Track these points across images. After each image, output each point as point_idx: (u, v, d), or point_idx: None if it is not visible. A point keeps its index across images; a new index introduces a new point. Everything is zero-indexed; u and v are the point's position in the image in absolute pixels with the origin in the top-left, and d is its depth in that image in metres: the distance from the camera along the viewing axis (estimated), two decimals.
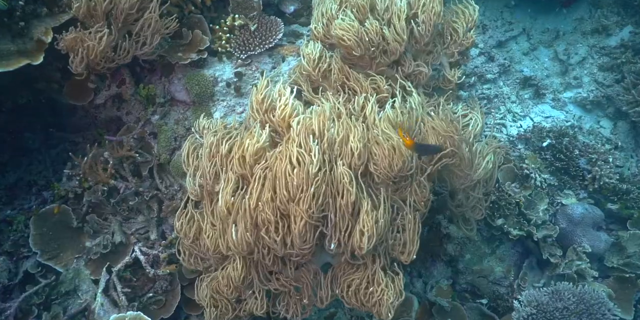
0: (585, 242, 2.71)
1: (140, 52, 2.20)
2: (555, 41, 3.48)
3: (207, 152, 1.77)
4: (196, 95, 2.50)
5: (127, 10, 2.09)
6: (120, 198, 2.41)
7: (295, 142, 1.57)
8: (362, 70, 2.05)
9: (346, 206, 1.55)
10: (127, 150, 2.37)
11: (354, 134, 1.61)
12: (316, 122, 1.64)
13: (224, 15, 2.67)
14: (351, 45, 1.90)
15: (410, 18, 2.06)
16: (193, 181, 1.89)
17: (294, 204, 1.51)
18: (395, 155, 1.59)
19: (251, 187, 1.59)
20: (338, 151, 1.62)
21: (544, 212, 2.78)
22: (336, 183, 1.56)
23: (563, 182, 2.90)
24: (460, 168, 1.74)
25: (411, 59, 2.07)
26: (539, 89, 3.29)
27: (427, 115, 1.81)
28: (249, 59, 2.58)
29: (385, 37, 1.94)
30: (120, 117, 2.62)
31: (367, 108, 1.74)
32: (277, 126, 1.78)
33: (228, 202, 1.63)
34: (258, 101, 1.83)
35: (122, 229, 2.47)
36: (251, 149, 1.66)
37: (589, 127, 3.20)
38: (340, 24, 1.94)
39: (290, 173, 1.51)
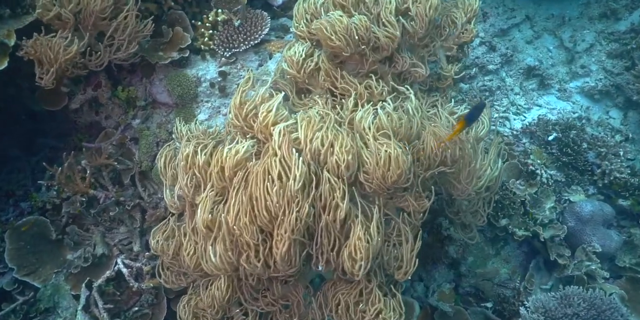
0: (595, 242, 2.57)
1: (114, 57, 2.05)
2: (560, 28, 3.29)
3: (182, 165, 1.62)
4: (178, 96, 2.36)
5: (97, 13, 1.93)
6: (100, 208, 2.29)
7: (276, 156, 1.41)
8: (352, 69, 1.88)
9: (334, 223, 1.41)
10: (106, 158, 2.24)
11: (342, 144, 1.45)
12: (302, 132, 1.49)
13: (207, 11, 2.51)
14: (340, 46, 1.74)
15: (403, 12, 1.89)
16: (171, 194, 1.76)
17: (275, 227, 1.37)
18: (391, 167, 1.43)
19: (229, 204, 1.45)
20: (324, 162, 1.47)
21: (550, 211, 2.64)
22: (324, 198, 1.41)
23: (571, 177, 2.75)
24: (458, 179, 1.59)
25: (406, 54, 1.90)
26: (544, 79, 3.12)
27: (426, 119, 1.64)
28: (233, 57, 2.42)
29: (376, 33, 1.77)
30: (99, 122, 2.48)
31: (357, 114, 1.58)
32: (260, 133, 1.63)
33: (206, 220, 1.49)
34: (237, 105, 1.68)
35: (105, 240, 2.34)
36: (230, 162, 1.51)
37: (597, 118, 3.04)
38: (327, 20, 1.77)
39: (269, 191, 1.37)
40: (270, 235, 1.43)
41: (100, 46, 2.06)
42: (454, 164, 1.56)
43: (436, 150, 1.55)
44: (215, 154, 1.59)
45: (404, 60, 1.82)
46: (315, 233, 1.45)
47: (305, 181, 1.40)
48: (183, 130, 1.88)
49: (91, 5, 1.88)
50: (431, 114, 1.73)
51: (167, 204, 1.78)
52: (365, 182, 1.51)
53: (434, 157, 1.56)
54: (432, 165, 1.57)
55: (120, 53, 2.03)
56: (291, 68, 1.86)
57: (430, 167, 1.56)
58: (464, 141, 1.59)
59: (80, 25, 1.97)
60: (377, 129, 1.50)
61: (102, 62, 2.04)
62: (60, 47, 1.82)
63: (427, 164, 1.57)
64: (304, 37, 1.96)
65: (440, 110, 1.74)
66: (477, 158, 1.59)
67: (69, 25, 1.92)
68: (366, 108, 1.58)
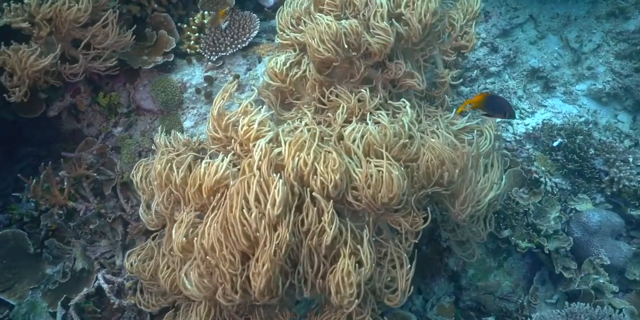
0: (603, 254, 2.44)
1: (89, 65, 1.93)
2: (566, 27, 3.15)
3: (156, 184, 1.51)
4: (163, 103, 2.24)
5: (71, 22, 1.81)
6: (80, 221, 2.18)
7: (254, 177, 1.29)
8: (342, 74, 1.75)
9: (319, 246, 1.29)
10: (85, 169, 2.13)
11: (330, 163, 1.33)
12: (286, 149, 1.36)
13: (194, 13, 2.40)
14: (329, 57, 1.61)
15: (397, 15, 1.75)
16: (148, 211, 1.64)
17: (253, 259, 1.25)
18: (382, 189, 1.31)
19: (203, 228, 1.33)
20: (309, 182, 1.34)
21: (555, 221, 2.51)
22: (307, 222, 1.29)
23: (577, 185, 2.61)
24: (453, 203, 1.46)
25: (401, 60, 1.76)
26: (549, 81, 2.98)
27: (422, 133, 1.51)
28: (220, 61, 2.31)
29: (367, 40, 1.64)
30: (81, 130, 2.38)
31: (347, 128, 1.45)
32: (240, 147, 1.51)
33: (180, 243, 1.37)
34: (215, 116, 1.56)
35: (86, 253, 2.24)
36: (208, 181, 1.40)
37: (605, 122, 2.90)
38: (314, 29, 1.63)
39: (247, 217, 1.25)
40: (248, 268, 1.31)
41: (77, 53, 1.94)
42: (450, 184, 1.43)
43: (433, 168, 1.41)
44: (194, 169, 1.47)
45: (398, 68, 1.69)
46: (298, 258, 1.33)
47: (287, 204, 1.28)
48: (162, 142, 1.76)
49: (64, 13, 1.76)
50: (428, 127, 1.59)
51: (144, 221, 1.66)
52: (354, 201, 1.38)
53: (430, 176, 1.43)
54: (427, 185, 1.44)
55: (97, 64, 1.91)
56: (274, 80, 1.74)
57: (423, 187, 1.43)
58: (464, 159, 1.45)
59: (54, 33, 1.85)
60: (368, 145, 1.37)
61: (77, 72, 1.92)
62: (29, 58, 1.70)
63: (421, 184, 1.44)
64: (291, 45, 1.84)
65: (440, 121, 1.60)
66: (477, 179, 1.45)
67: (43, 33, 1.80)
68: (356, 125, 1.45)
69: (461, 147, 1.44)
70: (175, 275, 1.47)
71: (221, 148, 1.56)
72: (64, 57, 1.97)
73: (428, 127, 1.56)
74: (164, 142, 1.74)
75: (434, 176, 1.42)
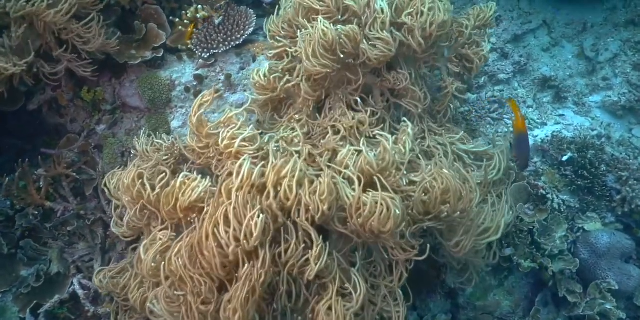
0: (612, 278, 2.29)
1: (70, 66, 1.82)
2: (581, 35, 2.99)
3: (127, 200, 1.39)
4: (149, 101, 2.13)
5: (50, 23, 1.68)
6: (58, 222, 2.07)
7: (231, 205, 1.15)
8: (338, 81, 1.60)
9: (300, 278, 1.16)
10: (65, 168, 2.02)
11: (318, 190, 1.19)
12: (271, 176, 1.23)
13: (187, 6, 2.28)
14: (326, 73, 1.47)
15: (399, 24, 1.59)
16: (120, 222, 1.53)
17: (225, 298, 1.13)
18: (374, 221, 1.18)
19: (171, 253, 1.21)
20: (294, 211, 1.21)
21: (561, 240, 2.36)
22: (289, 256, 1.16)
23: (586, 203, 2.46)
24: (448, 238, 1.32)
25: (402, 69, 1.61)
26: (561, 91, 2.82)
27: (425, 153, 1.37)
28: (212, 59, 2.19)
29: (366, 50, 1.50)
30: (64, 125, 2.27)
31: (341, 153, 1.31)
32: (219, 160, 1.39)
33: (148, 266, 1.25)
34: (194, 123, 1.43)
35: (63, 256, 2.13)
36: (182, 201, 1.28)
37: (619, 136, 2.74)
38: (309, 41, 1.48)
39: (218, 251, 1.12)
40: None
41: (58, 51, 1.82)
42: (448, 219, 1.30)
43: (435, 201, 1.27)
44: (171, 182, 1.34)
45: (398, 79, 1.54)
46: (277, 288, 1.20)
47: (265, 236, 1.15)
48: (141, 148, 1.64)
49: (42, 14, 1.64)
50: (432, 148, 1.44)
51: (118, 234, 1.55)
52: (340, 225, 1.25)
53: (430, 208, 1.29)
54: (424, 218, 1.30)
55: (77, 65, 1.79)
56: (261, 93, 1.60)
57: (420, 220, 1.30)
58: (471, 195, 1.31)
59: (32, 30, 1.73)
60: (362, 172, 1.24)
61: (58, 72, 1.80)
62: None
63: (417, 217, 1.30)
64: (279, 55, 1.69)
65: (446, 142, 1.46)
66: (479, 221, 1.31)
67: (19, 31, 1.68)
68: (351, 149, 1.31)
69: (470, 179, 1.30)
70: (145, 295, 1.36)
71: (200, 155, 1.44)
72: (46, 54, 1.85)
73: (432, 150, 1.41)
74: (142, 149, 1.61)
75: (434, 209, 1.28)
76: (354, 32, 1.44)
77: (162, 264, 1.24)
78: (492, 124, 2.75)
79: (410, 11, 1.51)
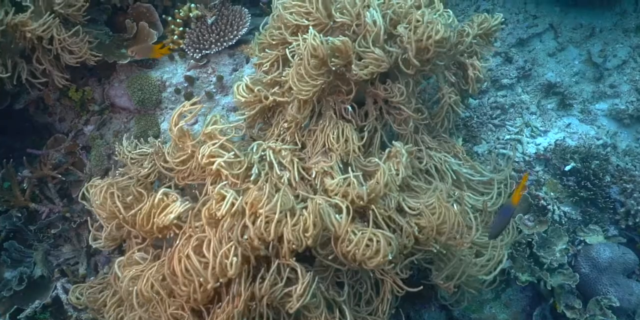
0: (613, 294, 2.20)
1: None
2: (589, 40, 2.90)
3: (103, 218, 1.33)
4: (139, 102, 2.07)
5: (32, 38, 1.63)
6: (42, 224, 2.02)
7: (209, 235, 1.10)
8: (329, 92, 1.53)
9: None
10: (50, 169, 1.97)
11: (304, 225, 1.13)
12: (251, 210, 1.16)
13: (180, 4, 2.22)
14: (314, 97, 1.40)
15: (394, 36, 1.50)
16: (98, 235, 1.48)
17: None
18: (363, 255, 1.12)
19: (142, 284, 1.15)
20: (276, 242, 1.15)
21: (561, 253, 2.28)
22: (268, 290, 1.09)
23: (588, 215, 2.37)
24: (438, 269, 1.25)
25: (396, 81, 1.52)
26: (566, 98, 2.73)
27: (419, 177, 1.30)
28: (204, 59, 2.13)
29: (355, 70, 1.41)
30: (53, 125, 2.22)
31: (331, 184, 1.25)
32: (200, 173, 1.33)
33: (125, 287, 1.20)
34: (175, 134, 1.37)
35: (48, 258, 2.08)
36: (158, 222, 1.22)
37: (625, 146, 2.65)
38: (298, 65, 1.38)
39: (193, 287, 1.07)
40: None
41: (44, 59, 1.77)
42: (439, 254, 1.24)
43: (429, 234, 1.21)
44: (150, 200, 1.29)
45: (391, 92, 1.45)
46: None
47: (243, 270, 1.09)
48: (128, 151, 1.58)
49: (19, 26, 1.58)
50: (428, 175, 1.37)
51: (94, 245, 1.50)
52: (324, 260, 1.19)
53: (422, 241, 1.23)
54: (416, 251, 1.23)
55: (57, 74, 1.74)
56: (248, 110, 1.54)
57: (411, 253, 1.23)
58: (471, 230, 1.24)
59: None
60: (351, 202, 1.18)
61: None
62: None
63: (409, 249, 1.24)
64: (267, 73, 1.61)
65: (440, 155, 1.38)
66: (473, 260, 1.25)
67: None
68: (341, 178, 1.24)
69: (468, 213, 1.23)
70: (121, 314, 1.30)
71: (181, 178, 1.38)
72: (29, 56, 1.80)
73: (428, 167, 1.34)
74: (125, 160, 1.55)
75: (425, 245, 1.22)
76: (345, 45, 1.35)
77: (134, 290, 1.18)
78: (493, 130, 2.67)
79: (405, 26, 1.40)
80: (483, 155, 2.56)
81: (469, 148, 2.58)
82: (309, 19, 1.42)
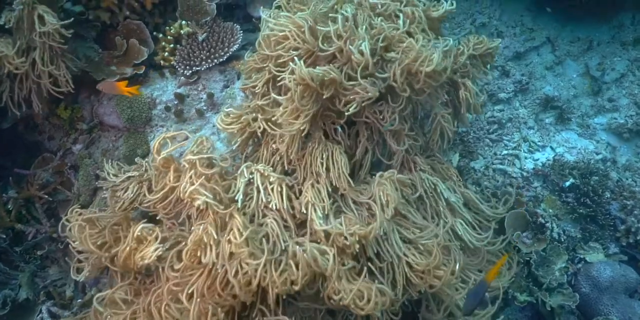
0: (614, 314, 2.15)
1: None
2: (586, 53, 2.87)
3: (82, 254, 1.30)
4: (128, 119, 2.04)
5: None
6: (28, 245, 1.98)
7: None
8: (319, 110, 1.48)
9: None
10: (37, 189, 1.93)
11: (290, 277, 1.09)
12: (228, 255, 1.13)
13: (172, 21, 2.20)
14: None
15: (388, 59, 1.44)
16: (79, 267, 1.44)
17: None
18: (352, 303, 1.08)
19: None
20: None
21: (561, 272, 2.22)
22: None
23: (588, 232, 2.32)
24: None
25: (389, 102, 1.47)
26: (564, 112, 2.70)
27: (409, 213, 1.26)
28: (194, 76, 2.10)
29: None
30: (42, 143, 2.19)
31: (320, 231, 1.21)
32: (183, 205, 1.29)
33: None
34: (157, 161, 1.33)
35: (34, 280, 2.03)
36: (136, 263, 1.19)
37: (625, 161, 2.60)
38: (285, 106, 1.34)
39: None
40: None
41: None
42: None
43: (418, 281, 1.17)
44: (128, 237, 1.25)
45: (383, 115, 1.40)
46: None
47: None
48: (113, 173, 1.55)
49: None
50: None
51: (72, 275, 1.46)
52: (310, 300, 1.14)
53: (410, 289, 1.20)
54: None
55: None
56: (236, 141, 1.50)
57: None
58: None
59: None
60: (341, 253, 1.14)
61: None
62: None
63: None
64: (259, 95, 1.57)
65: (433, 180, 1.34)
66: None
67: None
68: (330, 224, 1.21)
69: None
70: None
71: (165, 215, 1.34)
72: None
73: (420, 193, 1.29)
74: (112, 172, 1.52)
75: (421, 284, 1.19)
76: (335, 76, 1.29)
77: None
78: (490, 145, 2.63)
79: (395, 55, 1.34)
80: (480, 170, 2.52)
81: (465, 164, 2.54)
82: (300, 47, 1.39)
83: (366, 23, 1.38)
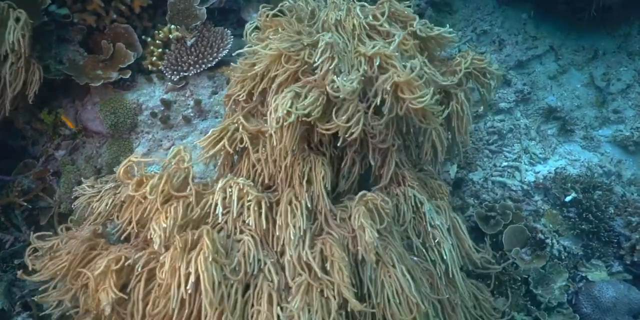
0: None
1: None
2: (591, 63, 2.78)
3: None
4: (111, 126, 1.98)
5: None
6: (6, 253, 1.91)
7: None
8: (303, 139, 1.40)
9: None
10: (16, 196, 1.87)
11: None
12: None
13: (161, 25, 2.14)
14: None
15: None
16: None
17: None
18: None
19: None
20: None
21: (561, 291, 2.13)
22: None
23: (590, 249, 2.22)
24: None
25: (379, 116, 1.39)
26: (567, 123, 2.61)
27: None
28: (182, 81, 2.03)
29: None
30: (26, 148, 2.13)
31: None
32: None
33: None
34: (129, 188, 1.27)
35: (11, 290, 1.96)
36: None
37: (630, 175, 2.51)
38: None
39: None
40: None
41: None
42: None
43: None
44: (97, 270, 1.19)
45: (373, 128, 1.32)
46: None
47: None
48: (89, 187, 1.48)
49: None
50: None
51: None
52: None
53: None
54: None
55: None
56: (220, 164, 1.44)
57: None
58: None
59: None
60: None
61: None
62: None
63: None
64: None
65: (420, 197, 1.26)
66: None
67: None
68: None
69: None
70: None
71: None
72: None
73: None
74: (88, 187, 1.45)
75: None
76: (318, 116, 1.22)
77: None
78: (490, 156, 2.54)
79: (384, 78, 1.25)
80: (479, 183, 2.43)
81: (463, 175, 2.45)
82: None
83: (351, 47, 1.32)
